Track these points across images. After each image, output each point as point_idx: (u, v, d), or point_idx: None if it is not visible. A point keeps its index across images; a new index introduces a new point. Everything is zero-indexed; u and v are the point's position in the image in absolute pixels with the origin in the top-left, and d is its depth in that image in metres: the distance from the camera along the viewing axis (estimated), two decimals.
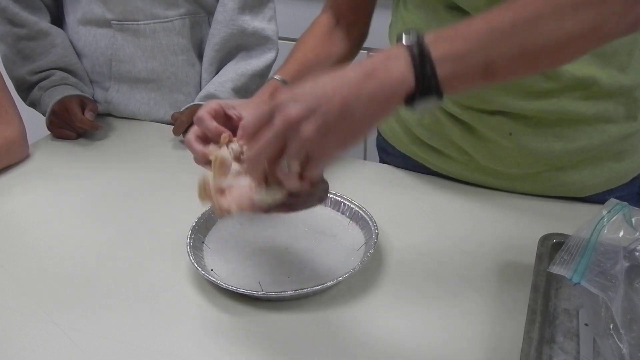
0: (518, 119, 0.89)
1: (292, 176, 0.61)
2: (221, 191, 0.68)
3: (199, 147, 0.74)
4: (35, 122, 1.24)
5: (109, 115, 1.29)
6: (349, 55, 0.98)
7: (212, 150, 0.71)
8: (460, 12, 0.85)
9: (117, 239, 0.91)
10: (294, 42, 0.97)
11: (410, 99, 0.59)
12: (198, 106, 1.18)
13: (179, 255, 0.85)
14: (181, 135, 1.16)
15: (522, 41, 0.60)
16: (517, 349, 0.65)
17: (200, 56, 1.27)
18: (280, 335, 0.73)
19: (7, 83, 1.14)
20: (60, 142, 1.20)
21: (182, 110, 1.19)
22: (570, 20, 0.60)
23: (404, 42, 0.59)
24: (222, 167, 0.70)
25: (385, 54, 0.59)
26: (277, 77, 0.88)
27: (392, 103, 0.58)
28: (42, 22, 1.21)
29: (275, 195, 0.65)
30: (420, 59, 0.58)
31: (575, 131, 0.90)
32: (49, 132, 1.22)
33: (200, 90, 1.26)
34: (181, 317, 0.76)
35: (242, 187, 0.67)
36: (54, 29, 1.22)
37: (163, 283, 0.82)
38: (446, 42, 0.59)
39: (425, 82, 0.58)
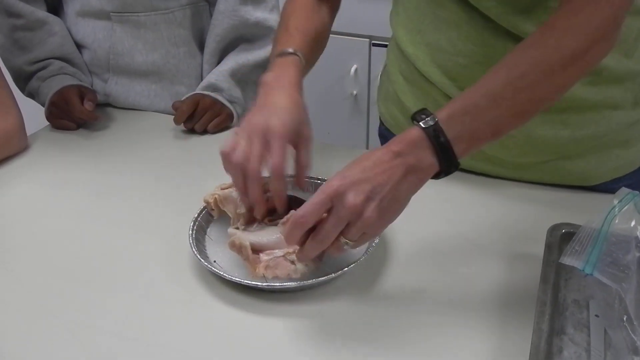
0: None
1: (344, 249, 0.70)
2: (255, 250, 0.76)
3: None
4: (34, 113, 1.23)
5: (109, 105, 1.27)
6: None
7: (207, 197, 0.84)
8: None
9: (118, 231, 0.90)
10: None
11: (436, 175, 0.71)
12: (200, 95, 1.17)
13: (182, 247, 0.83)
14: (182, 125, 1.15)
15: (521, 104, 0.70)
16: (527, 340, 0.64)
17: (201, 47, 1.26)
18: (284, 327, 0.73)
19: (4, 74, 1.12)
20: (59, 133, 1.18)
21: (182, 99, 1.18)
22: (560, 77, 0.70)
23: (422, 124, 0.68)
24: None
25: (411, 141, 0.68)
26: (291, 49, 0.86)
27: (424, 183, 0.71)
28: (39, 12, 1.19)
29: (311, 266, 0.75)
30: (441, 146, 0.68)
31: (582, 118, 0.89)
32: (48, 123, 1.20)
33: (202, 81, 1.25)
34: (184, 310, 0.75)
35: (278, 257, 0.75)
36: (52, 18, 1.20)
37: (165, 275, 0.81)
38: (458, 124, 0.68)
39: (448, 164, 0.69)
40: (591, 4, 0.70)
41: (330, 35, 0.99)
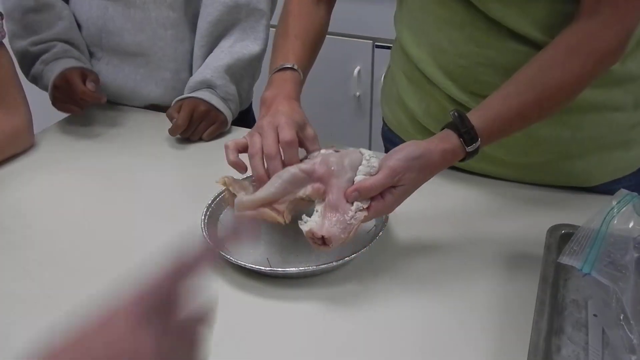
0: None
1: None
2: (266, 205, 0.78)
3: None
4: (41, 111, 1.24)
5: (114, 103, 1.28)
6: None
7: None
8: None
9: (128, 223, 0.91)
10: None
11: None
12: (193, 102, 1.13)
13: (194, 234, 0.85)
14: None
15: (542, 117, 0.82)
16: (526, 339, 0.65)
17: (192, 32, 1.23)
18: (285, 310, 0.75)
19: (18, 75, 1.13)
20: (66, 131, 1.19)
21: (174, 104, 1.16)
22: (576, 94, 0.80)
23: (468, 149, 0.77)
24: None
25: (456, 158, 0.78)
26: (289, 64, 0.90)
27: None
28: None
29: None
30: (473, 155, 0.78)
31: (583, 119, 0.90)
32: (55, 122, 1.21)
33: (190, 67, 1.23)
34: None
35: (294, 200, 0.78)
36: (60, 3, 1.21)
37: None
38: (492, 139, 0.79)
39: (472, 154, 0.79)
40: (609, 28, 0.77)
41: (334, 36, 1.01)
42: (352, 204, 0.75)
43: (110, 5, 1.20)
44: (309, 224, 0.75)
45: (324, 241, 0.74)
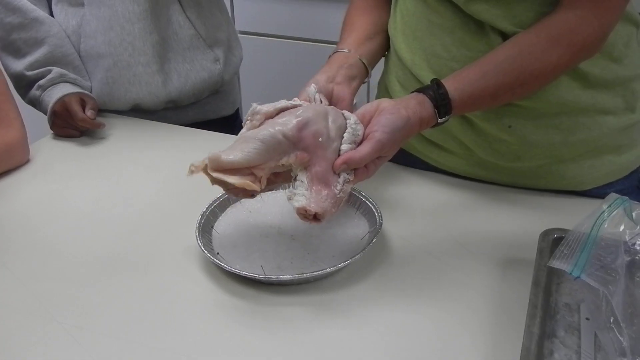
0: (517, 110, 0.90)
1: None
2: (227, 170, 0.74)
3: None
4: (37, 122, 1.24)
5: (109, 111, 1.28)
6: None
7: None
8: (448, 1, 0.88)
9: (124, 233, 0.92)
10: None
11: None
12: None
13: (189, 243, 0.86)
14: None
15: (511, 99, 0.85)
16: (518, 343, 0.65)
17: (159, 23, 1.23)
18: (279, 317, 0.75)
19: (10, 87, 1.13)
20: (61, 142, 1.20)
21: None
22: (549, 81, 0.85)
23: (440, 120, 0.81)
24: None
25: (429, 124, 0.81)
26: (340, 48, 0.94)
27: None
28: (39, 11, 1.20)
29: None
30: (444, 113, 0.81)
31: (574, 122, 0.91)
32: (51, 132, 1.22)
33: (160, 60, 1.23)
34: (187, 298, 0.79)
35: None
36: (49, 19, 1.21)
37: (173, 268, 0.84)
38: (463, 110, 0.83)
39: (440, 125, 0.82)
40: (589, 25, 0.80)
41: (329, 43, 1.01)
42: (339, 175, 0.76)
43: (87, 9, 1.20)
44: (298, 200, 0.74)
45: (314, 216, 0.74)
